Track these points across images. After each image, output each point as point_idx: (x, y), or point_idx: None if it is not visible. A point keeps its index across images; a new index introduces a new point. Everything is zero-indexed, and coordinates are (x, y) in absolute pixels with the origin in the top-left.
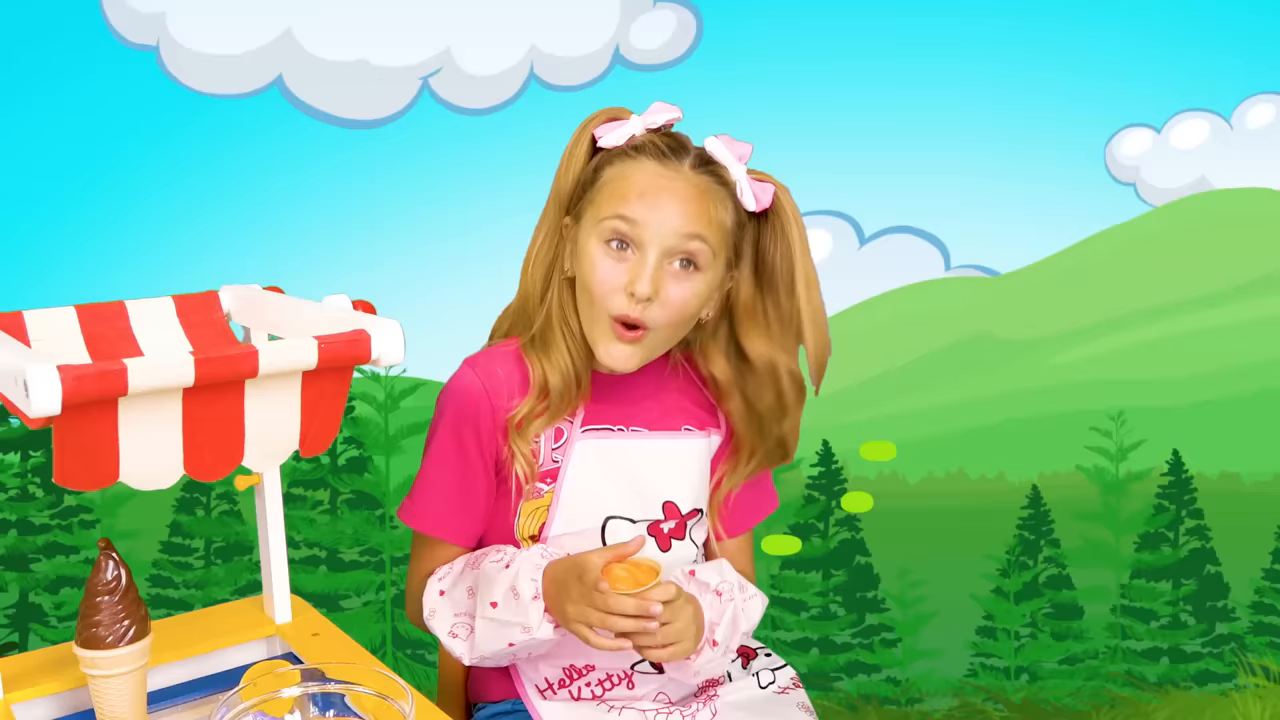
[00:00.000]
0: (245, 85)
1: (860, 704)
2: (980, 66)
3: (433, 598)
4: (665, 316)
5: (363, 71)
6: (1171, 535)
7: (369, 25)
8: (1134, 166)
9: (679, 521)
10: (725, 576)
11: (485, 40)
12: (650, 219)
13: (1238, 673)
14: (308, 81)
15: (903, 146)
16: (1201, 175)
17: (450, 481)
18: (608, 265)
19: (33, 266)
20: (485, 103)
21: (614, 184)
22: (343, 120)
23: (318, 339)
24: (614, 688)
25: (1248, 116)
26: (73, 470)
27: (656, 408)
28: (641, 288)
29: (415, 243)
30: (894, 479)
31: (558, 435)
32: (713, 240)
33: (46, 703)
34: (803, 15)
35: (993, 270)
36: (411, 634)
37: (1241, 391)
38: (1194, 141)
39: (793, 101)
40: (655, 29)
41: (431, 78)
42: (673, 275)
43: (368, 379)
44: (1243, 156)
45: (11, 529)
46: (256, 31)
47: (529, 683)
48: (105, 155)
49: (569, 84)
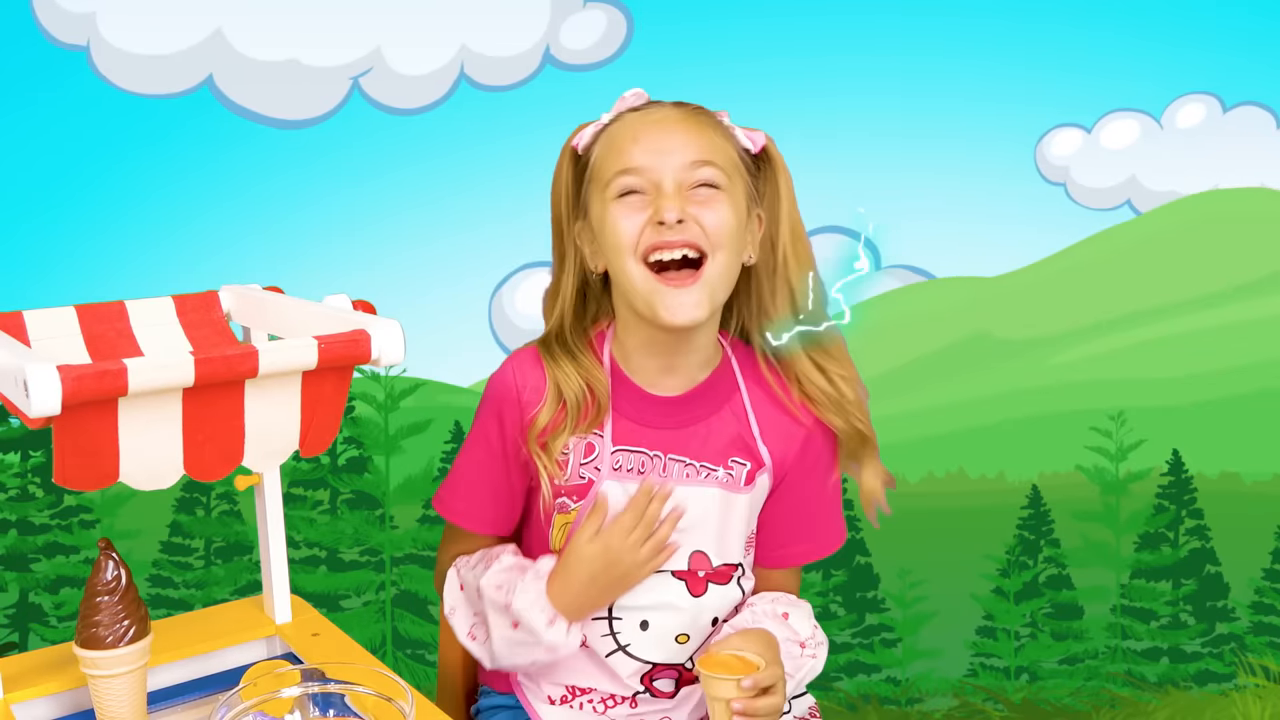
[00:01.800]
0: (175, 85)
1: (860, 704)
2: (909, 64)
3: (453, 593)
4: (708, 241)
5: (293, 71)
6: (1171, 535)
7: (299, 25)
8: (1064, 166)
9: (714, 572)
10: (816, 633)
11: (415, 40)
12: (654, 161)
13: (1238, 673)
14: (238, 81)
15: (830, 145)
16: (1132, 175)
17: (480, 474)
18: (626, 216)
19: (33, 266)
20: (416, 103)
21: (606, 149)
22: (273, 120)
23: (318, 339)
24: (616, 706)
25: (1178, 116)
26: (73, 470)
27: (700, 438)
28: (669, 214)
29: (344, 238)
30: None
31: (589, 450)
32: (721, 162)
33: (46, 703)
34: (733, 15)
35: (923, 271)
36: (411, 634)
37: (1241, 391)
38: (1124, 141)
39: (723, 101)
40: (585, 29)
41: (362, 78)
42: (696, 201)
43: (368, 379)
44: (1173, 156)
45: (11, 529)
46: (187, 31)
47: (531, 696)
48: (41, 156)
49: (499, 84)
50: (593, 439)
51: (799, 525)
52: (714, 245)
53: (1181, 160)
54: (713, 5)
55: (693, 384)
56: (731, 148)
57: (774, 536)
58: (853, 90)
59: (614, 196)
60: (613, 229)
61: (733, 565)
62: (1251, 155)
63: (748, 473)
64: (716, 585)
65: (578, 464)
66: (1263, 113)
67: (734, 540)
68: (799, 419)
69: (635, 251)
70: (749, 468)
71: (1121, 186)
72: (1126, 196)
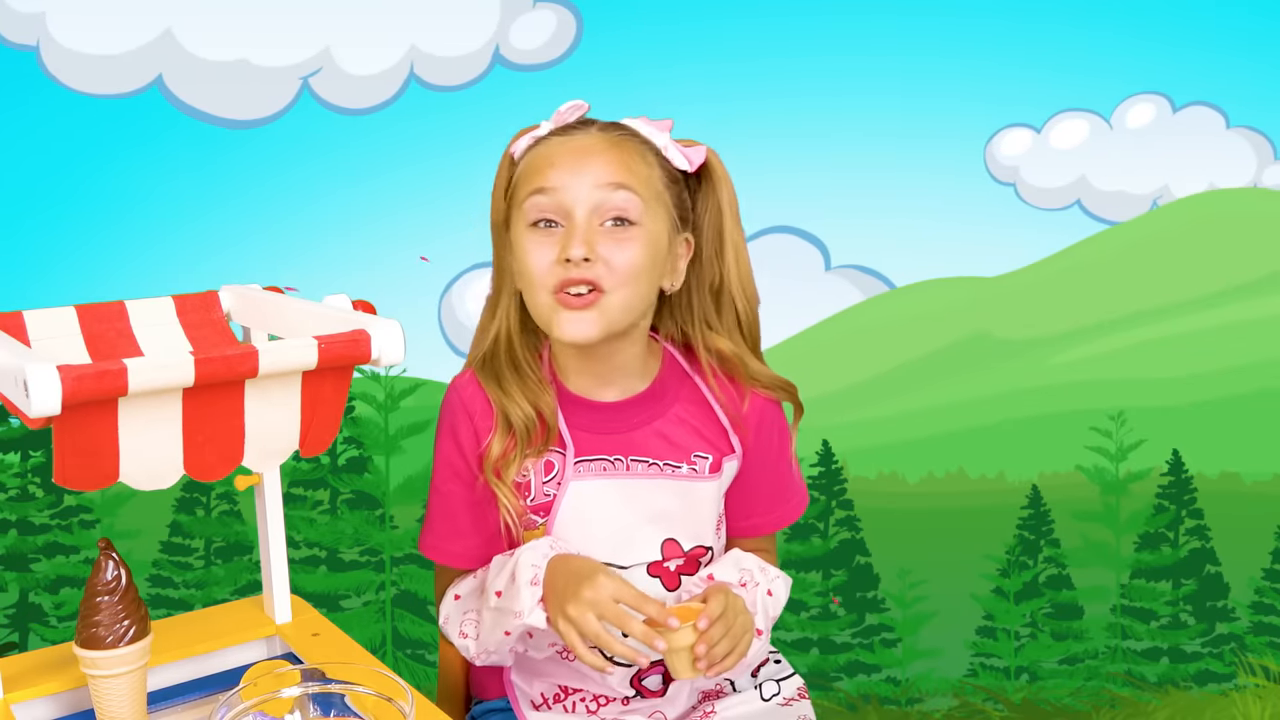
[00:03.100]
0: (125, 85)
1: (860, 704)
2: (858, 64)
3: (448, 604)
4: (613, 279)
5: (243, 71)
6: (1171, 535)
7: (249, 25)
8: (1013, 166)
9: (686, 558)
10: (742, 565)
11: (365, 40)
12: (568, 182)
13: (1238, 673)
14: (188, 81)
15: (780, 145)
16: (1082, 175)
17: (450, 508)
18: (537, 243)
19: (33, 266)
20: (365, 103)
21: (525, 169)
22: (223, 120)
23: (318, 339)
24: (608, 704)
25: (1127, 116)
26: (73, 470)
27: (659, 436)
28: (575, 251)
29: (306, 239)
30: (894, 479)
31: (548, 468)
32: (639, 189)
33: (46, 703)
34: (682, 16)
35: (873, 271)
36: (411, 634)
37: (1241, 391)
38: (1073, 141)
39: (672, 102)
40: (535, 29)
41: (312, 78)
42: (607, 234)
43: (368, 379)
44: (1122, 156)
45: (11, 529)
46: (136, 31)
47: (523, 697)
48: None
49: (449, 84)
50: (552, 456)
51: (764, 495)
52: (618, 283)
53: (1131, 160)
54: (662, 6)
55: (633, 392)
56: (656, 173)
57: (741, 508)
58: (801, 91)
59: (528, 223)
60: (523, 260)
61: (704, 548)
62: (1201, 155)
63: (711, 464)
64: (687, 577)
65: (540, 483)
66: (1212, 112)
67: (704, 523)
68: (753, 397)
69: (544, 285)
70: (712, 460)
71: (1071, 186)
72: (1076, 196)
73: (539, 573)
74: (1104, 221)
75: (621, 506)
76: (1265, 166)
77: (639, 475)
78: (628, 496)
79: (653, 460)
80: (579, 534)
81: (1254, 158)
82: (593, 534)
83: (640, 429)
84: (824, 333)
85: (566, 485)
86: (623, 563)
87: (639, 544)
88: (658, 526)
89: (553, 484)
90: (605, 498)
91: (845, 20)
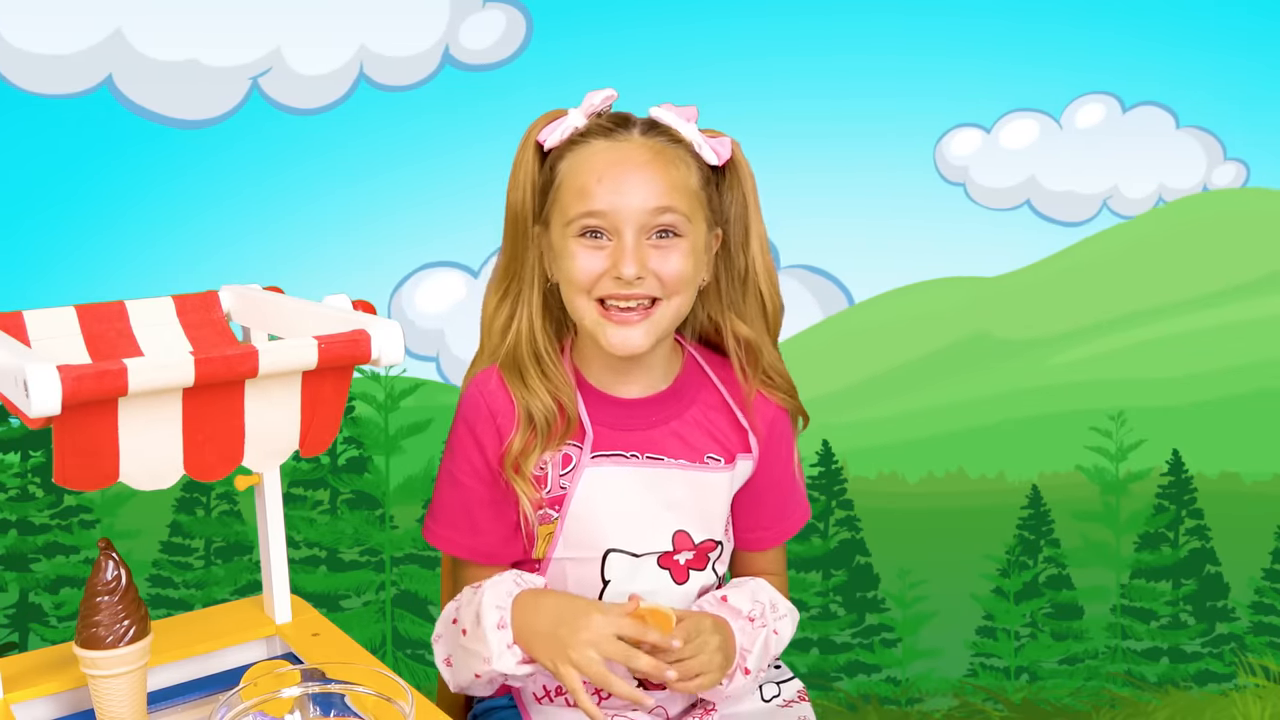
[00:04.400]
0: (75, 85)
1: (860, 704)
2: (809, 65)
3: (442, 622)
4: (664, 290)
5: (193, 71)
6: (1171, 535)
7: (199, 25)
8: (963, 166)
9: (696, 552)
10: (758, 598)
11: (315, 40)
12: (617, 203)
13: (1238, 673)
14: (138, 81)
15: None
16: (1031, 175)
17: (468, 503)
18: (587, 256)
19: (33, 266)
20: (315, 103)
21: (571, 178)
22: (173, 120)
23: (318, 339)
24: (610, 697)
25: (1077, 116)
26: (73, 470)
27: (676, 436)
28: (627, 270)
29: (271, 240)
30: (894, 479)
31: (565, 461)
32: (683, 206)
33: (46, 703)
34: (631, 16)
35: (822, 271)
36: (411, 634)
37: (1241, 391)
38: (1023, 141)
39: (623, 102)
40: (485, 29)
41: (261, 78)
42: (654, 248)
43: (368, 379)
44: (1072, 156)
45: (11, 529)
46: (86, 31)
47: (524, 690)
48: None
49: (399, 84)
50: (569, 450)
51: (770, 507)
52: (669, 293)
53: (1081, 160)
54: (611, 6)
55: (654, 390)
56: (694, 178)
57: (748, 520)
58: (750, 91)
59: (576, 234)
60: (570, 265)
61: (714, 542)
62: (1151, 155)
63: (724, 463)
64: (696, 571)
65: (556, 476)
66: (1162, 112)
67: (715, 517)
68: (768, 404)
69: (590, 293)
70: (724, 460)
71: (1021, 186)
72: (1026, 196)
73: (504, 615)
74: (1054, 222)
75: (636, 493)
76: (1215, 166)
77: (653, 465)
78: (643, 483)
79: (668, 459)
80: (591, 520)
81: (1204, 158)
82: (606, 519)
83: (658, 427)
84: (823, 333)
85: (582, 470)
86: (635, 550)
87: (652, 532)
88: (671, 515)
89: (569, 477)
90: (620, 483)
91: (792, 20)
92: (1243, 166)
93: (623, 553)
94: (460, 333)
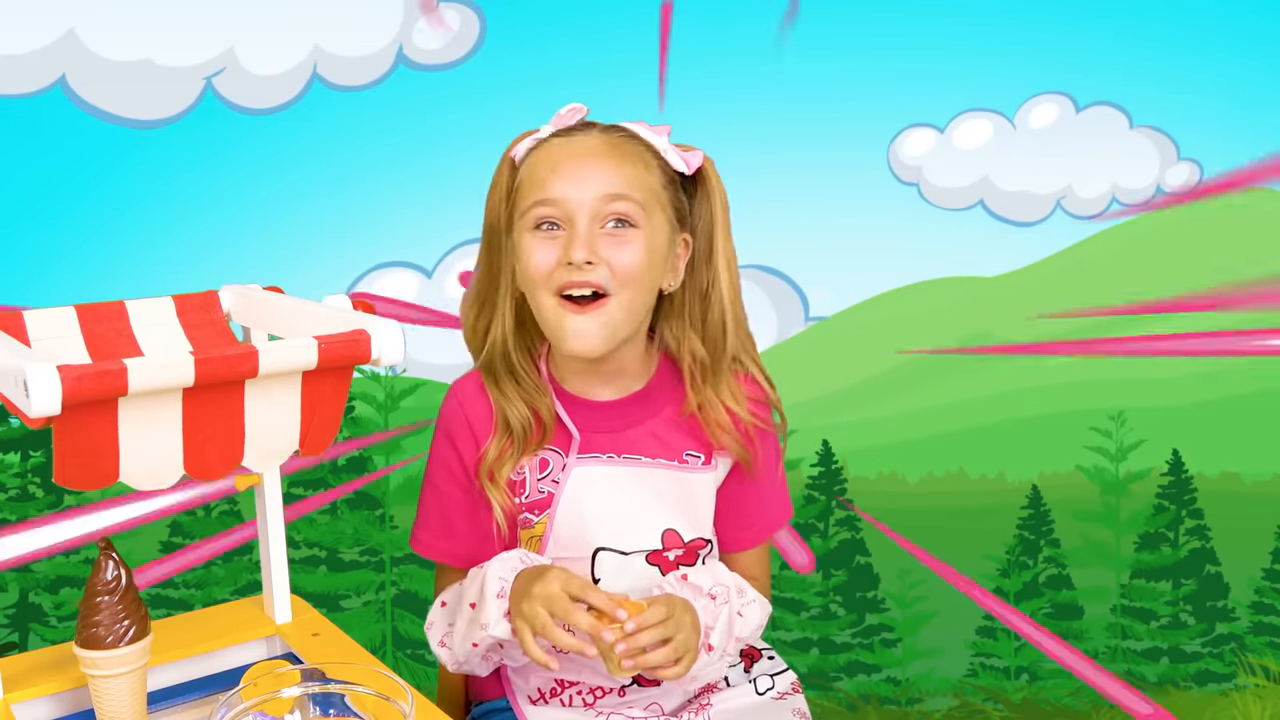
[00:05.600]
0: (27, 85)
1: (860, 704)
2: (758, 67)
3: (435, 610)
4: (615, 281)
5: (146, 71)
6: (1171, 535)
7: (152, 25)
8: (917, 166)
9: (686, 549)
10: (719, 579)
11: (268, 40)
12: (569, 192)
13: (1238, 673)
14: (91, 81)
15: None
16: (985, 175)
17: (445, 508)
18: (540, 246)
19: (33, 266)
20: (269, 103)
21: (528, 174)
22: (126, 120)
23: (318, 339)
24: (605, 696)
25: (1030, 116)
26: (73, 470)
27: (652, 435)
28: (577, 254)
29: (226, 244)
30: (894, 479)
31: (543, 465)
32: (639, 196)
33: (46, 703)
34: (585, 15)
35: (776, 270)
36: (411, 634)
37: (1241, 391)
38: (977, 141)
39: (573, 99)
40: (439, 29)
41: (215, 78)
42: (608, 236)
43: (368, 379)
44: (1025, 156)
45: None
46: (39, 31)
47: (520, 693)
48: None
49: (352, 84)
50: (547, 454)
51: (750, 510)
52: (620, 285)
53: (1034, 160)
54: (564, 6)
55: (627, 393)
56: (654, 177)
57: (728, 521)
58: (705, 94)
59: (530, 226)
60: (526, 260)
61: (704, 540)
62: (1104, 155)
63: (703, 461)
64: (686, 568)
65: (535, 480)
66: (1115, 112)
67: (702, 516)
68: (738, 417)
69: (547, 285)
70: (703, 458)
71: (974, 186)
72: (979, 196)
73: (506, 585)
74: (1007, 222)
75: (623, 490)
76: (1169, 166)
77: (639, 465)
78: (630, 480)
79: (646, 459)
80: (580, 519)
81: (1157, 157)
82: (594, 518)
83: (634, 427)
84: (824, 333)
85: (570, 471)
86: (623, 548)
87: (640, 530)
88: (659, 514)
89: (548, 480)
90: (608, 482)
91: (743, 22)
92: (1196, 166)
93: (611, 551)
94: (414, 336)
